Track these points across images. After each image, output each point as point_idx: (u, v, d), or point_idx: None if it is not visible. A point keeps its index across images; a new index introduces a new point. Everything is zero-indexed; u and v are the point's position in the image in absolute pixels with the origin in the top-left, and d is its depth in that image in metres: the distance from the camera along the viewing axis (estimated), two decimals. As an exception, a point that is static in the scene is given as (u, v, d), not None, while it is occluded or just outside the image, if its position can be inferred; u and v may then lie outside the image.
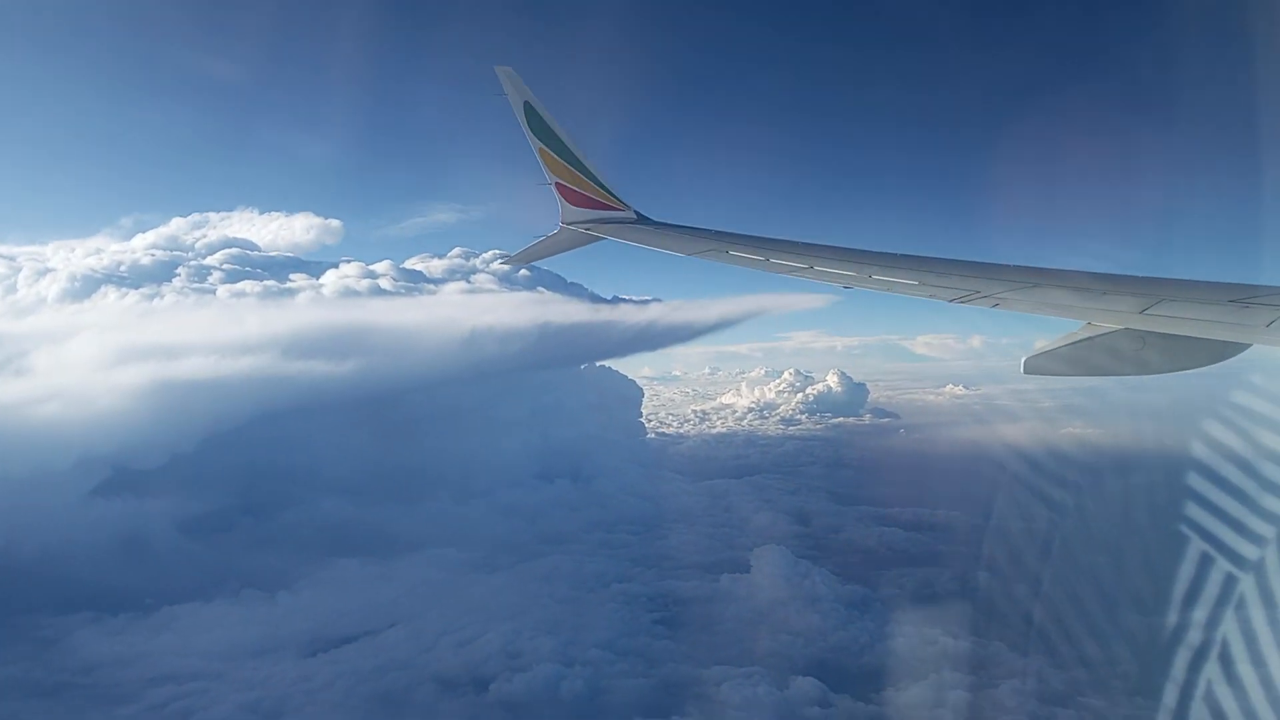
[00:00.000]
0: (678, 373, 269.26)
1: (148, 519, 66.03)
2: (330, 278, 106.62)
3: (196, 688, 47.70)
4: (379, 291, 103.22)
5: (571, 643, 52.46)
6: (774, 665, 49.02)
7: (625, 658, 50.84)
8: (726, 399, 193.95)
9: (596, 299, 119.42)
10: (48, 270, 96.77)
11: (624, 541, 76.57)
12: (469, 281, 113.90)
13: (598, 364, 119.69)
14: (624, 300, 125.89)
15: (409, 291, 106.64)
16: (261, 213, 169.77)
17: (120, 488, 64.88)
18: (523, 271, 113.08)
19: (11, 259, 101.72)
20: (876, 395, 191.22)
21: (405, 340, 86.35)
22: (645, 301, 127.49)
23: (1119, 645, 49.79)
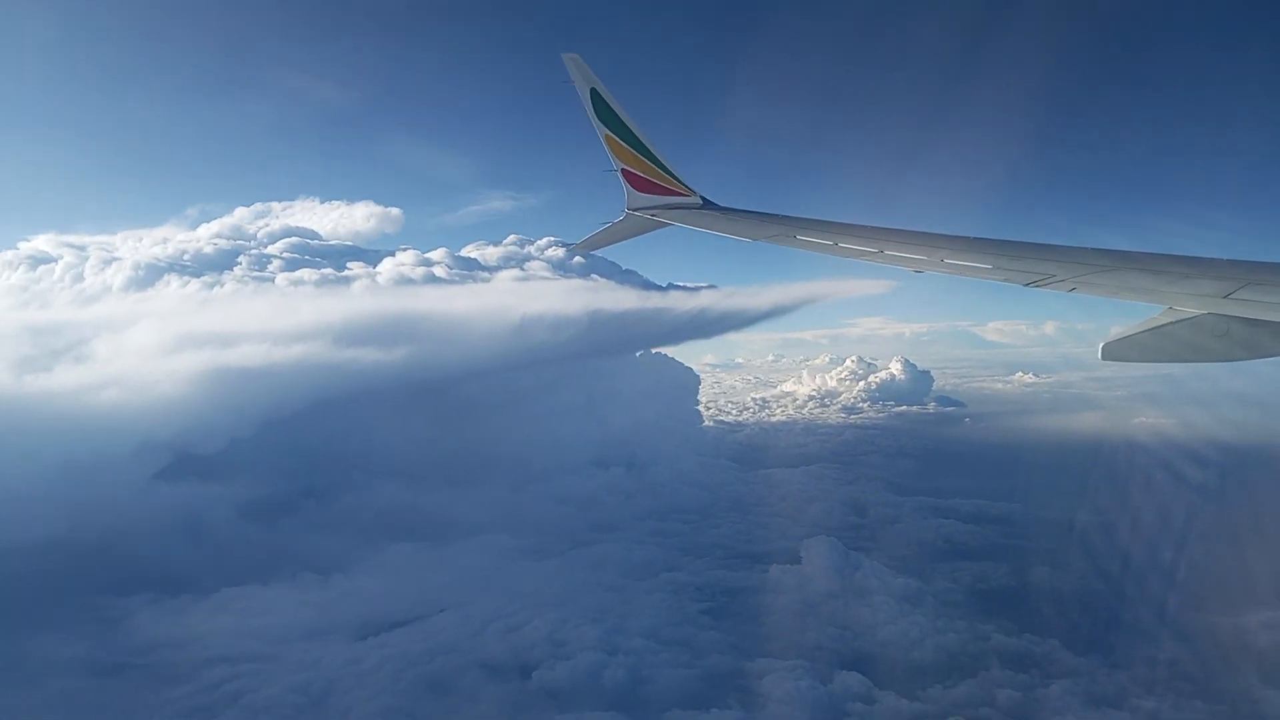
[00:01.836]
0: (740, 360, 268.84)
1: (209, 503, 67.66)
2: (386, 266, 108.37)
3: (249, 669, 48.72)
4: (434, 279, 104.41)
5: (617, 631, 52.34)
6: (819, 659, 48.36)
7: (669, 647, 50.56)
8: (787, 386, 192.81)
9: (650, 286, 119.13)
10: (114, 259, 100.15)
11: (675, 530, 76.32)
12: (523, 269, 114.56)
13: (654, 351, 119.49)
14: (678, 287, 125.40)
15: (463, 279, 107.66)
16: (323, 202, 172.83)
17: (182, 472, 66.52)
18: (577, 259, 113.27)
19: (81, 249, 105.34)
20: (942, 383, 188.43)
21: (457, 327, 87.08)
22: (697, 288, 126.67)
23: (1180, 646, 48.11)
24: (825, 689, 44.55)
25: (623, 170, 12.79)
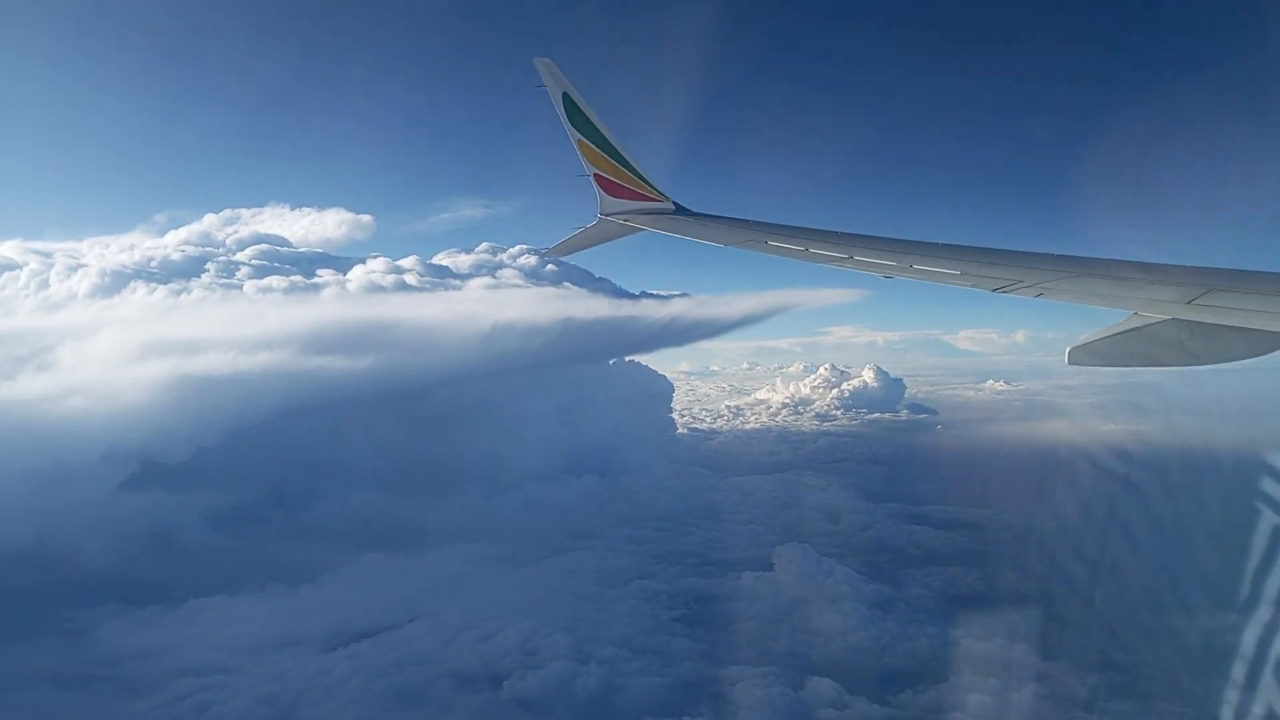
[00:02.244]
0: (715, 368, 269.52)
1: (176, 512, 66.95)
2: (357, 273, 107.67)
3: (216, 681, 48.10)
4: (404, 287, 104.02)
5: (589, 639, 52.19)
6: (791, 665, 48.39)
7: (642, 656, 50.47)
8: (761, 394, 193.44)
9: (622, 294, 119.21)
10: (80, 266, 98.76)
11: (649, 537, 76.21)
12: (495, 277, 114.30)
13: (628, 359, 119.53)
14: (650, 295, 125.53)
15: (434, 287, 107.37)
16: (293, 208, 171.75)
17: (148, 481, 65.75)
18: (550, 267, 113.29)
19: (47, 255, 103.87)
20: (915, 390, 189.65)
21: (427, 335, 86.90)
22: (669, 297, 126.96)
23: (1149, 650, 48.56)
24: (797, 695, 44.60)
25: (595, 175, 12.80)
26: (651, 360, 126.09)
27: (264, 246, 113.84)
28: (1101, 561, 58.36)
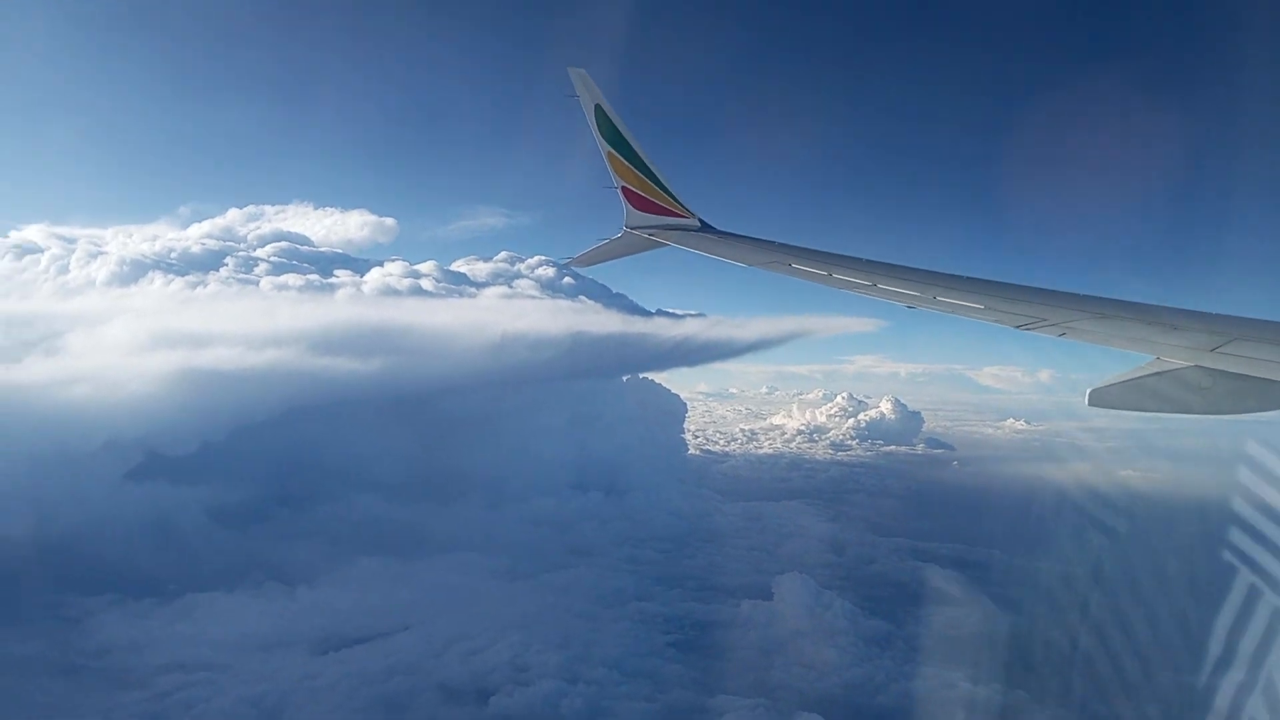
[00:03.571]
0: (734, 390, 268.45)
1: (178, 505, 66.90)
2: (374, 275, 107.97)
3: (203, 678, 47.98)
4: (419, 292, 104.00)
5: (580, 659, 51.64)
6: (781, 698, 47.62)
7: (632, 679, 49.84)
8: (777, 420, 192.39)
9: (636, 310, 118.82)
10: (100, 253, 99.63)
11: (650, 558, 75.64)
12: (511, 286, 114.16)
13: (642, 377, 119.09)
14: (665, 313, 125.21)
15: (450, 293, 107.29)
16: (317, 208, 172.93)
17: (152, 473, 65.79)
18: (566, 279, 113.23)
19: (70, 241, 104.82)
20: (933, 425, 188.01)
21: (437, 342, 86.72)
22: (684, 316, 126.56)
23: (1150, 703, 47.46)
24: (784, 730, 43.89)
25: (623, 188, 12.78)
26: (667, 379, 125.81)
27: (284, 244, 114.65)
28: (1107, 610, 57.31)
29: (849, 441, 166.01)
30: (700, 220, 13.04)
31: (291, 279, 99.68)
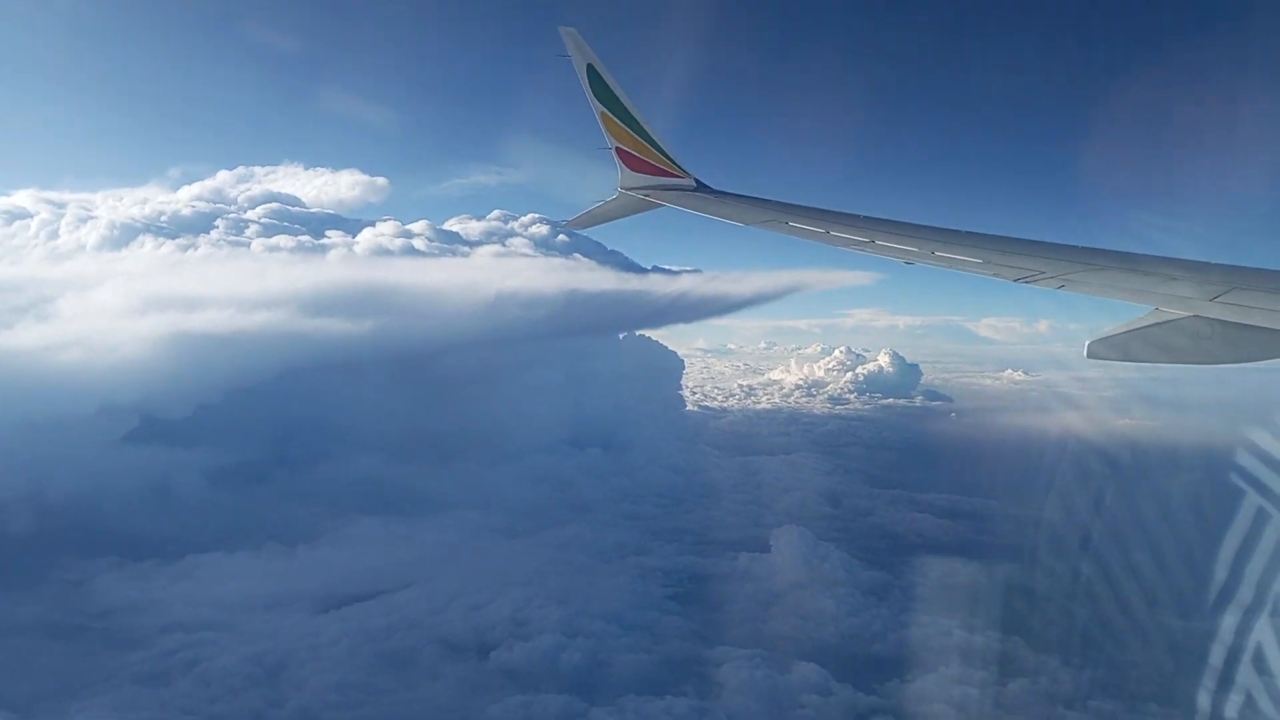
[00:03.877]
0: (733, 346, 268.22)
1: (176, 468, 67.15)
2: (366, 236, 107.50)
3: (206, 637, 48.29)
4: (412, 251, 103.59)
5: (579, 613, 51.95)
6: (779, 649, 48.01)
7: (631, 632, 50.23)
8: (775, 375, 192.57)
9: (631, 267, 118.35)
10: (90, 218, 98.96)
11: (649, 514, 76.06)
12: (505, 245, 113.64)
13: (639, 334, 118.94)
14: (660, 270, 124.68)
15: (443, 253, 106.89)
16: (308, 168, 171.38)
17: (149, 436, 65.95)
18: (561, 237, 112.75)
19: (60, 206, 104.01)
20: (931, 377, 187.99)
21: (429, 301, 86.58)
22: (679, 272, 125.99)
23: (1144, 648, 47.92)
24: (782, 679, 44.23)
25: (617, 149, 12.70)
26: (664, 336, 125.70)
27: (275, 205, 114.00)
28: (1103, 558, 57.66)
29: (847, 395, 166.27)
30: (696, 180, 12.98)
31: (283, 240, 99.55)
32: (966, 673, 45.04)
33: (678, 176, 12.92)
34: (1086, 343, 7.41)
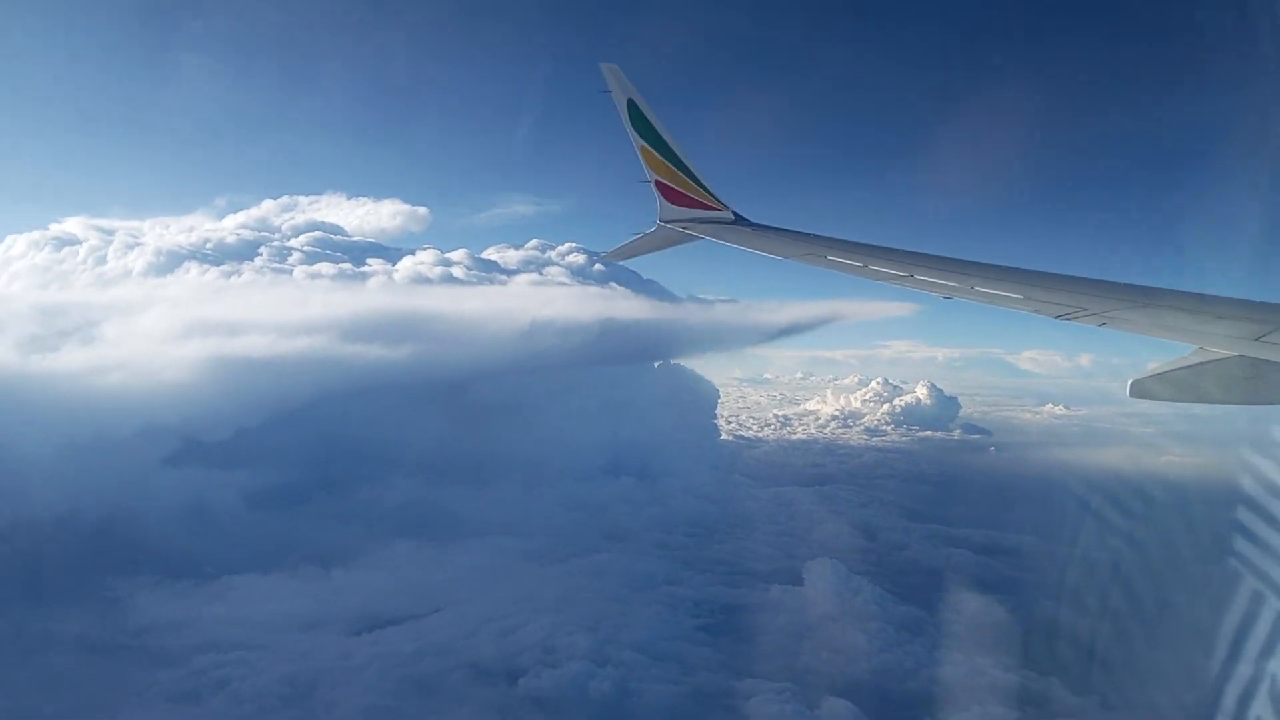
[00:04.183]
0: (769, 376, 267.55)
1: (215, 490, 68.15)
2: (406, 264, 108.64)
3: (239, 657, 48.77)
4: (450, 279, 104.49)
5: (609, 641, 51.85)
6: (809, 683, 47.46)
7: (660, 662, 50.00)
8: (812, 405, 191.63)
9: (666, 296, 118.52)
10: (137, 244, 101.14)
11: (681, 543, 75.71)
12: (542, 274, 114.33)
13: (674, 362, 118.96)
14: (696, 299, 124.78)
15: (481, 281, 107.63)
16: (350, 198, 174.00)
17: (189, 459, 67.08)
18: (597, 266, 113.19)
19: (109, 233, 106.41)
20: (970, 410, 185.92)
21: (466, 328, 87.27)
22: (713, 301, 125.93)
23: (1183, 691, 46.79)
24: (811, 714, 43.78)
25: (656, 182, 12.86)
26: (701, 365, 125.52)
27: (318, 234, 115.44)
28: (1143, 597, 56.53)
29: (884, 427, 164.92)
30: (734, 213, 13.09)
31: (325, 268, 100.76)
32: (999, 712, 44.29)
33: (716, 210, 13.05)
34: (1129, 381, 7.33)
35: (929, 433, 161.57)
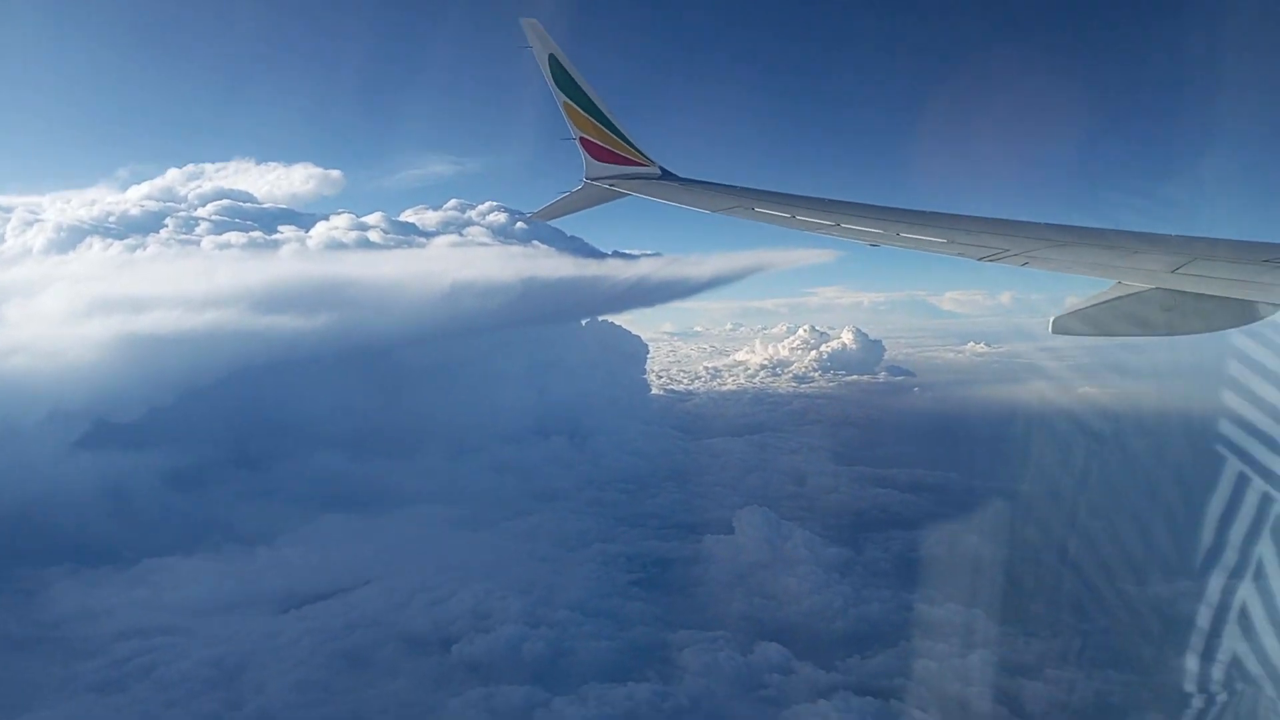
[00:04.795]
0: (699, 328, 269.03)
1: (130, 472, 66.16)
2: (319, 230, 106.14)
3: (163, 642, 47.53)
4: (367, 244, 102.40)
5: (542, 603, 51.82)
6: (742, 630, 48.11)
7: (594, 619, 50.11)
8: (741, 356, 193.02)
9: (590, 253, 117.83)
10: (37, 221, 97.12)
11: (614, 500, 75.99)
12: (462, 234, 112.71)
13: (601, 319, 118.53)
14: (620, 255, 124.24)
15: (399, 244, 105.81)
16: (259, 163, 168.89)
17: (102, 441, 64.90)
18: (519, 225, 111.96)
19: (6, 210, 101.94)
20: (894, 352, 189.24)
21: (384, 294, 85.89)
22: (638, 256, 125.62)
23: (1106, 617, 48.49)
24: (744, 660, 44.32)
25: (581, 139, 12.62)
26: (629, 321, 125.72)
27: (226, 202, 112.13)
28: (1065, 527, 58.27)
29: (812, 373, 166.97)
30: (661, 168, 12.99)
31: (234, 237, 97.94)
32: (926, 645, 45.40)
33: (643, 165, 12.93)
34: (1051, 318, 7.43)
35: (855, 376, 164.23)
